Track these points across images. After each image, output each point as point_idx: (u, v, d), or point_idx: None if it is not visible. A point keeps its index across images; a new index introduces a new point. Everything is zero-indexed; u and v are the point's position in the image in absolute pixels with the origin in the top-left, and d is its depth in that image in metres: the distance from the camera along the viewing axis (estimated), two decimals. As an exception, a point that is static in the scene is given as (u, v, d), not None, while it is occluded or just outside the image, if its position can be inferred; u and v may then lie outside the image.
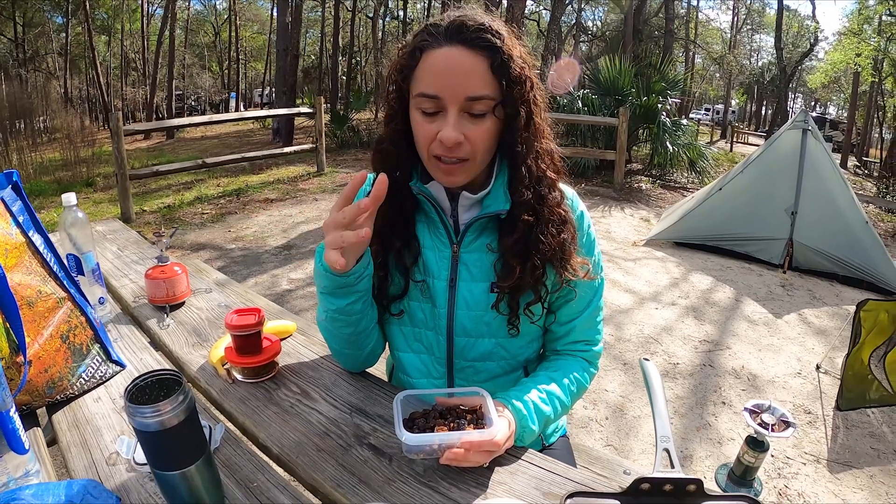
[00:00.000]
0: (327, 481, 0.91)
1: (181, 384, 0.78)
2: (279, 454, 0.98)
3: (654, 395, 1.00)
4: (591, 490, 0.90)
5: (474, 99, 0.91)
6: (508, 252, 1.01)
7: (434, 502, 0.87)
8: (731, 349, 3.55)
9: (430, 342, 1.12)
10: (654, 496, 0.87)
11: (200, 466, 0.80)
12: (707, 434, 2.69)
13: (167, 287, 1.47)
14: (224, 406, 1.13)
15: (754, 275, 4.94)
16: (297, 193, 7.65)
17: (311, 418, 1.07)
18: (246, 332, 1.13)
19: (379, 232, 1.00)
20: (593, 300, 1.13)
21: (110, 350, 1.19)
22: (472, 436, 0.85)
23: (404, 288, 1.08)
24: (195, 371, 1.24)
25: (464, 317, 1.07)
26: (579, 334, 1.14)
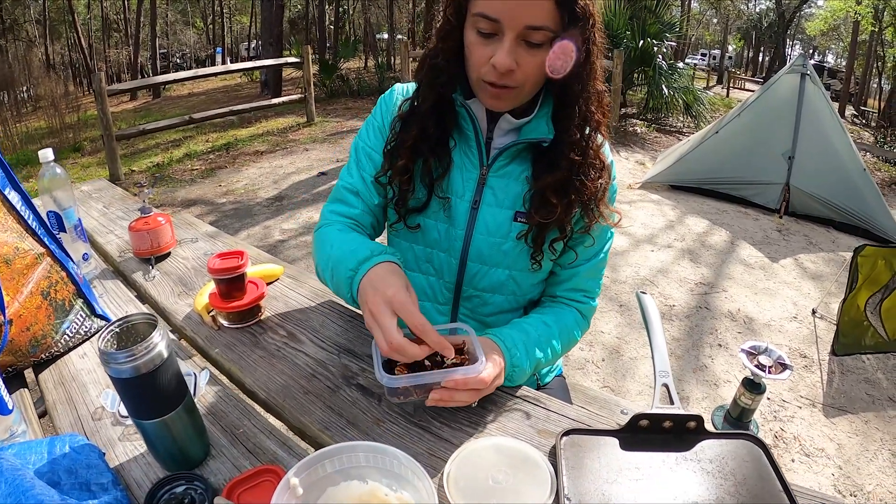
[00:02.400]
0: (314, 424, 0.88)
1: (155, 327, 0.74)
2: (266, 399, 0.96)
3: (652, 329, 0.97)
4: (588, 427, 0.87)
5: (534, 28, 0.84)
6: (549, 188, 0.96)
7: (425, 442, 0.84)
8: (727, 292, 3.55)
9: (442, 264, 1.08)
10: (653, 433, 0.85)
11: (182, 413, 0.77)
12: (703, 376, 2.70)
13: (151, 238, 1.42)
14: (210, 353, 1.10)
15: (750, 219, 4.91)
16: (287, 144, 7.52)
17: (298, 361, 1.04)
18: (229, 275, 1.08)
19: (413, 139, 0.98)
20: (602, 250, 1.09)
21: (94, 304, 1.14)
22: (456, 373, 0.81)
23: (426, 201, 1.04)
24: (181, 320, 1.20)
25: (482, 242, 1.03)
26: (581, 282, 1.10)
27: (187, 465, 0.81)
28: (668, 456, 0.82)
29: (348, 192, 1.07)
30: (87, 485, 0.74)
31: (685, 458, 0.82)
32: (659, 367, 0.91)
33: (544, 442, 0.85)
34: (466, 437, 0.85)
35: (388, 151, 1.02)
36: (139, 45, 22.37)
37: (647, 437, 0.84)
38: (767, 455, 0.82)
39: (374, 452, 0.70)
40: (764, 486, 0.77)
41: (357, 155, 1.09)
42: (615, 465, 0.81)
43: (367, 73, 15.57)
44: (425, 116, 0.98)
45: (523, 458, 0.80)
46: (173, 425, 0.77)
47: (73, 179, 6.15)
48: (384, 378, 0.78)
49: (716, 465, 0.80)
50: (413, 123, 0.99)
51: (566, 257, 1.07)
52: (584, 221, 1.01)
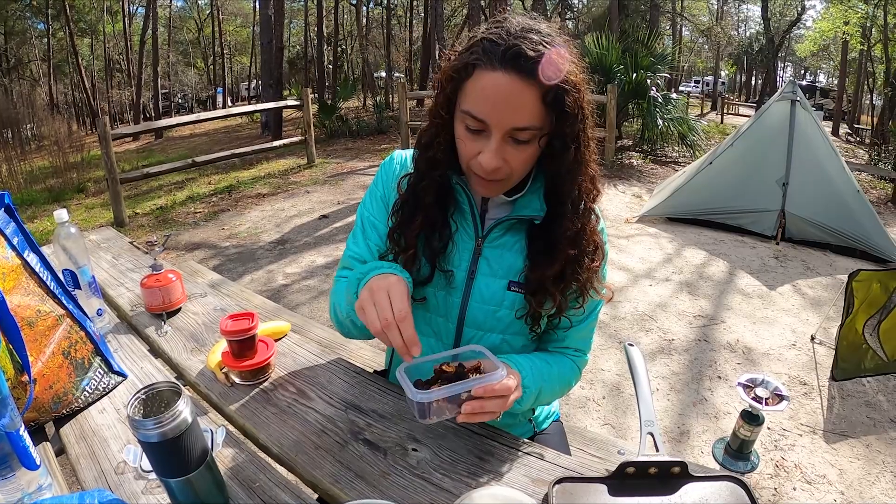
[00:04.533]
0: (326, 478, 0.95)
1: (180, 395, 0.81)
2: (279, 454, 1.02)
3: (639, 380, 1.04)
4: (579, 475, 0.93)
5: (520, 129, 0.90)
6: (548, 280, 1.02)
7: (427, 493, 0.91)
8: (725, 323, 3.60)
9: (440, 328, 1.13)
10: (640, 478, 0.91)
11: (203, 471, 0.84)
12: (703, 409, 2.74)
13: (163, 295, 1.50)
14: (224, 409, 1.17)
15: (747, 247, 4.98)
16: (288, 187, 7.66)
17: (308, 417, 1.11)
18: (241, 336, 1.16)
19: (418, 228, 1.05)
20: (593, 312, 1.16)
21: (111, 361, 1.21)
22: (482, 381, 0.87)
23: (430, 275, 1.09)
24: (194, 376, 1.27)
25: (477, 309, 1.09)
26: (573, 342, 1.17)
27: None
28: (653, 501, 0.88)
29: (355, 261, 1.15)
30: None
31: (670, 502, 0.88)
32: (644, 416, 0.97)
33: (538, 490, 0.91)
34: (465, 487, 0.92)
35: (392, 231, 1.09)
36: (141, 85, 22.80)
37: (634, 483, 0.91)
38: (749, 496, 0.88)
39: None
40: None
41: (363, 224, 1.17)
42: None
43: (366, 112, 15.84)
44: (429, 207, 1.04)
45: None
46: (196, 482, 0.84)
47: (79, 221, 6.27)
48: (417, 395, 0.85)
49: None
50: (417, 211, 1.05)
51: (562, 321, 1.13)
52: (578, 297, 1.08)
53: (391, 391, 1.19)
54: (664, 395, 2.87)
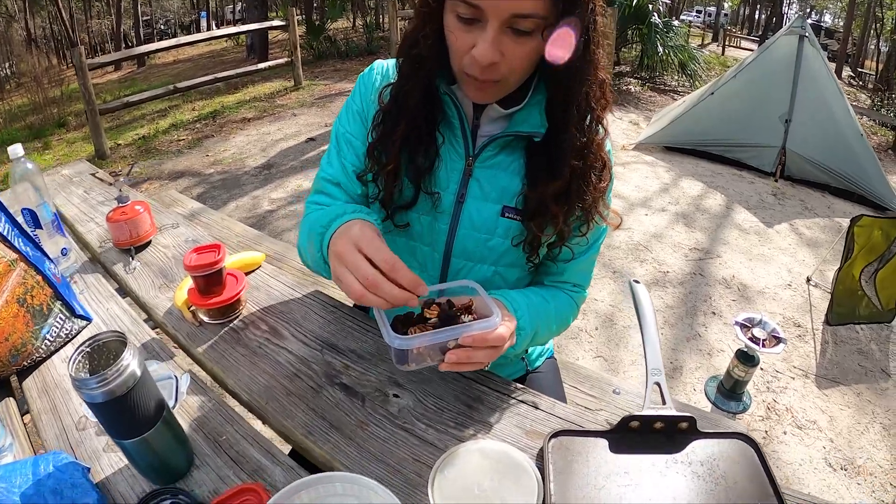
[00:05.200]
0: (298, 428, 0.86)
1: (126, 345, 0.71)
2: (248, 401, 0.93)
3: (645, 323, 0.94)
4: (578, 427, 0.85)
5: (521, 17, 0.75)
6: (549, 197, 0.90)
7: (409, 446, 0.82)
8: (721, 258, 3.54)
9: (425, 258, 1.02)
10: (643, 434, 0.83)
11: (161, 428, 0.75)
12: (697, 345, 2.70)
13: (129, 228, 1.37)
14: (192, 351, 1.07)
15: (745, 182, 4.87)
16: (275, 110, 7.35)
17: (280, 358, 1.01)
18: (206, 271, 1.05)
19: (401, 139, 0.91)
20: (596, 243, 1.04)
21: (74, 305, 1.11)
22: (472, 328, 0.76)
23: (413, 198, 0.96)
24: (162, 315, 1.17)
25: (466, 237, 0.98)
26: (572, 276, 1.06)
27: (171, 477, 0.79)
28: (658, 459, 0.80)
29: (329, 184, 1.02)
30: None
31: (676, 460, 0.80)
32: (651, 364, 0.88)
33: (532, 444, 0.83)
34: (452, 440, 0.83)
35: (372, 146, 0.95)
36: (121, 13, 21.60)
37: (637, 438, 0.83)
38: (759, 455, 0.80)
39: (350, 483, 0.67)
40: (755, 489, 0.76)
41: (337, 142, 1.03)
42: (604, 469, 0.79)
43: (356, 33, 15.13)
44: (412, 113, 0.90)
45: (510, 462, 0.78)
46: (153, 441, 0.74)
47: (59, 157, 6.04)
48: (395, 340, 0.74)
49: (706, 468, 0.79)
50: (400, 119, 0.91)
51: (562, 252, 1.01)
52: (582, 224, 0.96)
53: (371, 328, 1.09)
54: (658, 328, 2.81)
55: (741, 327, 2.26)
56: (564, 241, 0.96)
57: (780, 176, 4.91)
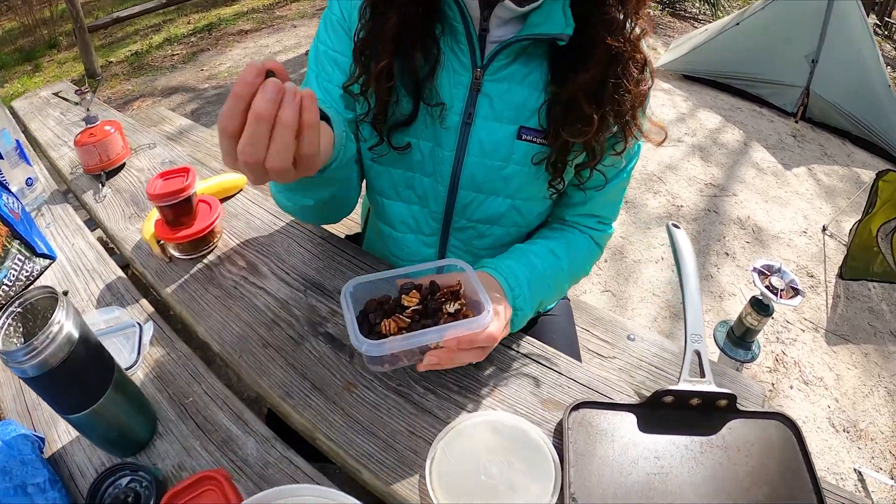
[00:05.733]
0: (275, 389, 0.74)
1: (57, 303, 0.57)
2: (220, 352, 0.81)
3: (686, 277, 0.79)
4: (602, 398, 0.73)
5: None
6: (582, 91, 0.73)
7: (405, 416, 0.70)
8: (737, 196, 3.37)
9: (426, 191, 0.86)
10: (677, 409, 0.71)
11: (112, 396, 0.63)
12: (708, 286, 2.58)
13: (99, 152, 1.22)
14: (160, 291, 0.94)
15: (765, 119, 4.62)
16: (273, 21, 6.92)
17: (258, 301, 0.88)
18: (172, 200, 0.90)
19: (394, 29, 0.73)
20: (626, 168, 0.88)
21: (34, 243, 0.99)
22: (458, 328, 0.63)
23: (412, 112, 0.79)
24: (130, 250, 1.03)
25: (476, 166, 0.81)
26: (598, 207, 0.90)
27: (131, 449, 0.69)
28: (691, 441, 0.69)
29: None
30: (23, 487, 0.62)
31: (711, 443, 0.69)
32: (691, 328, 0.75)
33: (549, 416, 0.71)
34: (455, 408, 0.71)
35: (359, 47, 0.76)
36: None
37: (669, 415, 0.71)
38: (800, 442, 0.69)
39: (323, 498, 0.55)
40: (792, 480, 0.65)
41: (317, 62, 0.84)
42: (632, 452, 0.67)
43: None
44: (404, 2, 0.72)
45: (524, 441, 0.66)
46: (104, 413, 0.62)
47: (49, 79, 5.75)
48: (363, 344, 0.61)
49: (743, 454, 0.68)
50: (390, 9, 0.73)
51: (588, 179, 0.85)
52: (618, 140, 0.79)
53: (364, 264, 0.95)
54: (669, 266, 2.68)
55: (759, 274, 2.13)
56: (596, 160, 0.79)
57: (801, 117, 4.67)
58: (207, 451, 0.67)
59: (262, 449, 0.67)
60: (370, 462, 0.65)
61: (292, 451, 0.67)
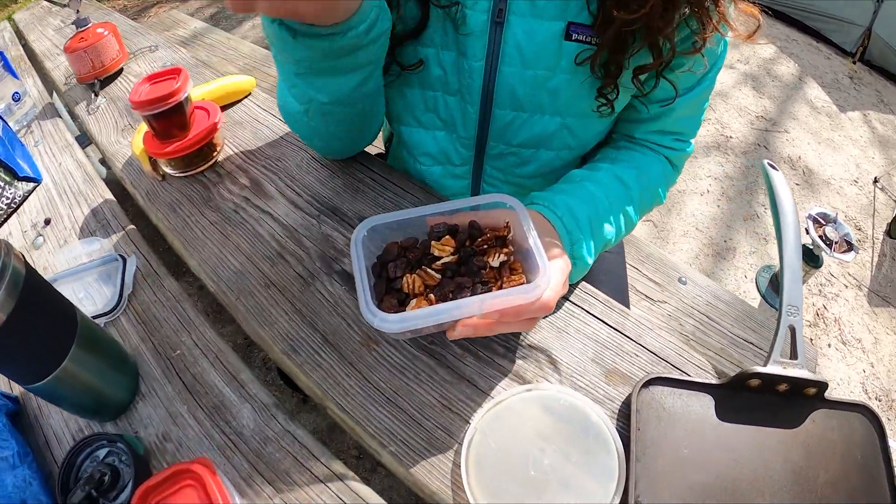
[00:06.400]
0: (278, 342, 0.61)
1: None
2: (216, 291, 0.68)
3: (786, 232, 0.64)
4: (682, 375, 0.59)
5: None
6: None
7: (436, 386, 0.57)
8: (789, 134, 3.17)
9: (452, 113, 0.70)
10: (760, 393, 0.58)
11: (77, 358, 0.51)
12: (753, 226, 2.43)
13: (91, 58, 1.07)
14: (151, 216, 0.80)
15: (822, 56, 4.29)
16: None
17: (262, 228, 0.74)
18: (159, 108, 0.74)
19: None
20: (708, 75, 0.69)
21: (15, 166, 0.89)
22: (504, 298, 0.49)
23: (421, 17, 0.63)
24: (121, 167, 0.89)
25: (514, 77, 0.64)
26: (674, 122, 0.72)
27: (109, 413, 0.57)
28: (770, 434, 0.56)
29: None
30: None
31: (791, 439, 0.56)
32: (788, 297, 0.60)
33: (612, 392, 0.57)
34: (499, 376, 0.58)
35: None
36: None
37: (750, 399, 0.58)
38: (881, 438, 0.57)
39: None
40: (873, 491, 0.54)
41: None
42: (706, 443, 0.54)
43: None
44: None
45: (583, 426, 0.53)
46: (71, 378, 0.51)
47: None
48: (375, 317, 0.48)
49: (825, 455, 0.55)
50: None
51: (657, 89, 0.67)
52: (694, 31, 0.60)
53: (391, 184, 0.79)
54: (714, 199, 2.56)
55: (813, 222, 1.96)
56: (662, 59, 0.60)
57: (858, 58, 4.32)
58: (196, 420, 0.55)
59: (260, 420, 0.55)
60: (392, 441, 0.53)
61: (296, 423, 0.55)
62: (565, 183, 0.68)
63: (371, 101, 0.65)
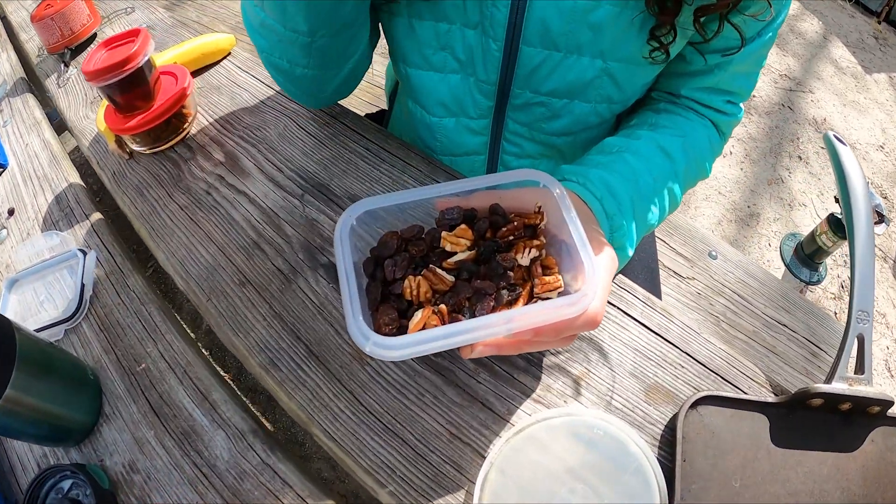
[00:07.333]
0: (254, 353, 0.51)
1: None
2: (185, 289, 0.58)
3: (857, 219, 0.53)
4: (734, 392, 0.50)
5: None
6: None
7: (442, 410, 0.47)
8: (813, 94, 3.05)
9: (471, 51, 0.58)
10: (821, 412, 0.49)
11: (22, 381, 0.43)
12: (778, 192, 2.35)
13: (59, 25, 0.95)
14: (117, 200, 0.71)
15: (846, 14, 4.10)
16: None
17: (236, 213, 0.64)
18: (114, 76, 0.63)
19: None
20: (773, 24, 0.57)
21: None
22: (540, 313, 0.38)
23: None
24: (87, 145, 0.79)
25: (548, 8, 0.53)
26: (727, 80, 0.61)
27: (72, 439, 0.50)
28: (823, 461, 0.47)
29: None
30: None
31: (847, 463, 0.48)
32: (859, 302, 0.51)
33: (653, 414, 0.48)
34: (520, 396, 0.48)
35: None
36: None
37: (808, 418, 0.49)
38: None
39: None
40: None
41: None
42: (759, 477, 0.46)
43: None
44: None
45: (620, 458, 0.44)
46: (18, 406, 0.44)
47: None
48: (367, 342, 0.37)
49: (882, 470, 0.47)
50: None
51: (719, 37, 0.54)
52: None
53: (390, 155, 0.68)
54: (738, 161, 2.47)
55: (843, 191, 1.84)
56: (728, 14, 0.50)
57: (884, 18, 4.13)
58: (164, 448, 0.47)
59: (235, 450, 0.46)
60: (391, 479, 0.44)
61: (277, 455, 0.46)
62: (600, 154, 0.57)
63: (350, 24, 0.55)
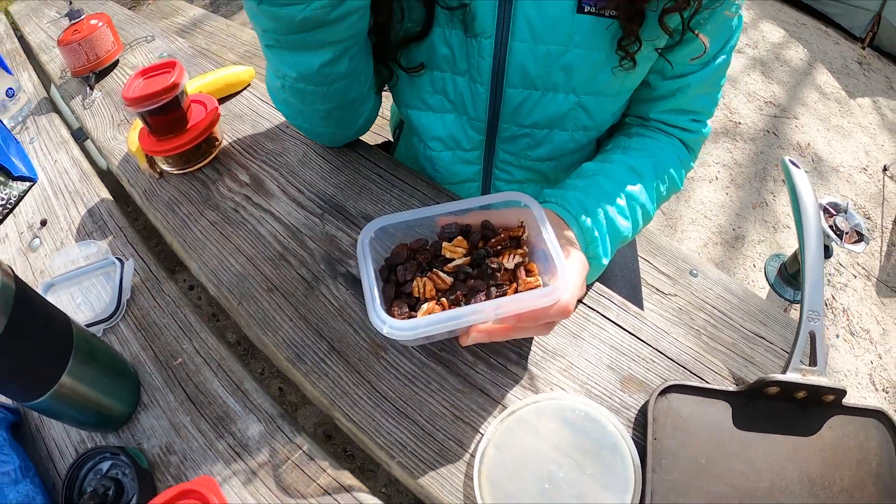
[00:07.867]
0: (282, 349, 0.59)
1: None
2: (217, 296, 0.66)
3: (808, 234, 0.62)
4: (700, 382, 0.57)
5: None
6: None
7: (447, 395, 0.55)
8: (798, 120, 3.13)
9: (461, 94, 0.68)
10: (779, 401, 0.56)
11: (76, 370, 0.49)
12: (762, 214, 2.41)
13: (85, 51, 1.04)
14: (149, 215, 0.78)
15: (831, 41, 4.23)
16: None
17: (263, 229, 0.71)
18: (154, 103, 0.71)
19: None
20: (728, 44, 0.67)
21: (9, 165, 0.87)
22: (520, 303, 0.48)
23: (426, 19, 0.61)
24: (117, 164, 0.87)
25: (525, 54, 0.61)
26: (691, 99, 0.69)
27: (112, 425, 0.56)
28: (785, 441, 0.54)
29: None
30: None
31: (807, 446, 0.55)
32: (810, 302, 0.58)
33: (628, 400, 0.55)
34: (512, 384, 0.56)
35: None
36: None
37: (767, 406, 0.56)
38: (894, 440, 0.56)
39: None
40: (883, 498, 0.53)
41: None
42: (723, 454, 0.53)
43: None
44: None
45: (599, 437, 0.52)
46: (70, 392, 0.50)
47: None
48: (384, 325, 0.46)
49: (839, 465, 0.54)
50: None
51: (673, 59, 0.64)
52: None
53: (398, 180, 0.76)
54: (723, 186, 2.54)
55: (824, 212, 1.93)
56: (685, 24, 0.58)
57: (868, 44, 4.25)
58: (200, 431, 0.54)
59: (265, 431, 0.53)
60: (402, 453, 0.51)
61: (303, 435, 0.53)
62: (577, 178, 0.65)
63: (347, 84, 0.63)
